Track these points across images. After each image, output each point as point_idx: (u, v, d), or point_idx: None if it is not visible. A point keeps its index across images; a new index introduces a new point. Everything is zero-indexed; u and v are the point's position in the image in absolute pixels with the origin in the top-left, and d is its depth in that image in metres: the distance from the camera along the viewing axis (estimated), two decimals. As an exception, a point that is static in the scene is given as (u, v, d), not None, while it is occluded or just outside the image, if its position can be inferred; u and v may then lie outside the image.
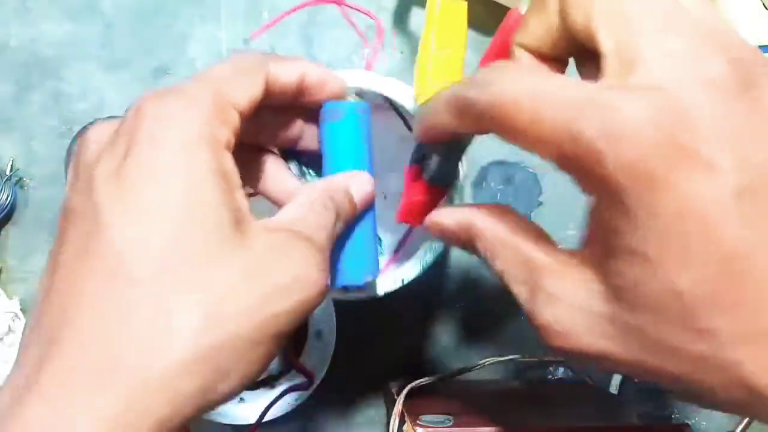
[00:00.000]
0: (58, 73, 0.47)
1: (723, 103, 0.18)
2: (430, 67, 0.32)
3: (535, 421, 0.35)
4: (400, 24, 0.49)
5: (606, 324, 0.21)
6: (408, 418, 0.34)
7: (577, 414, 0.38)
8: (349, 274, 0.30)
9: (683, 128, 0.18)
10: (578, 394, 0.43)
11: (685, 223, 0.18)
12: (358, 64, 0.48)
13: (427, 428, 0.33)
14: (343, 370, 0.46)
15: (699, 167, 0.18)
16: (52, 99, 0.47)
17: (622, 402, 0.43)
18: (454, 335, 0.46)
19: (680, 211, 0.18)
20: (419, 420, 0.33)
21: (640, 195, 0.18)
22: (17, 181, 0.46)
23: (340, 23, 0.49)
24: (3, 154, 0.46)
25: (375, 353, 0.46)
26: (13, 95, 0.47)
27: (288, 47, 0.48)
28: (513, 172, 0.48)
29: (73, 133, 0.46)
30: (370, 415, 0.45)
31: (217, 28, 0.48)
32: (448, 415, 0.34)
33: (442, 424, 0.33)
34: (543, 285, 0.22)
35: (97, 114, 0.46)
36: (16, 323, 0.43)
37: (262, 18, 0.48)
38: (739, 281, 0.18)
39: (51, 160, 0.46)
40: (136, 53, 0.48)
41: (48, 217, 0.46)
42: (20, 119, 0.47)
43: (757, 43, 0.45)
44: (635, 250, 0.19)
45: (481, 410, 0.38)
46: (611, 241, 0.20)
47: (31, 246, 0.46)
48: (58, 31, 0.48)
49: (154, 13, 0.48)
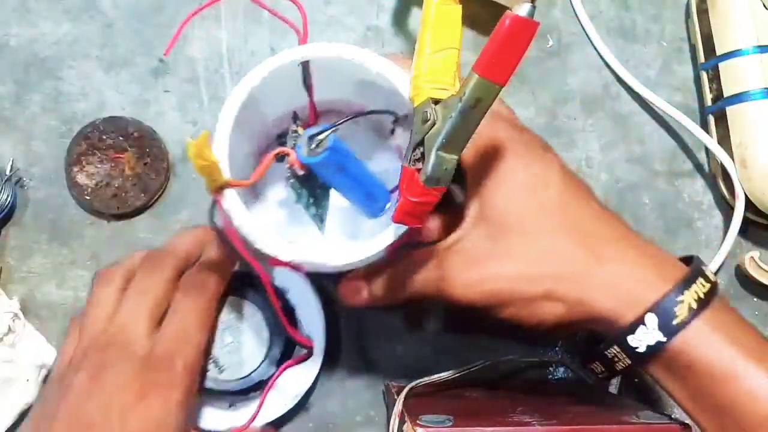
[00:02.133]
0: (58, 73, 0.47)
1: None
2: (425, 69, 0.32)
3: (535, 421, 0.35)
4: (400, 24, 0.49)
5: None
6: (408, 418, 0.34)
7: (577, 414, 0.38)
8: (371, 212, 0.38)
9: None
10: (578, 394, 0.43)
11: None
12: (358, 63, 0.48)
13: (427, 428, 0.33)
14: (344, 370, 0.46)
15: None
16: (52, 99, 0.47)
17: (622, 402, 0.43)
18: (454, 335, 0.46)
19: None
20: (419, 420, 0.33)
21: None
22: (17, 181, 0.46)
23: (340, 23, 0.49)
24: (3, 154, 0.46)
25: (375, 353, 0.46)
26: (13, 95, 0.47)
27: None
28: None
29: (73, 133, 0.46)
30: (370, 415, 0.45)
31: (217, 28, 0.48)
32: (448, 415, 0.34)
33: (442, 424, 0.33)
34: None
35: (97, 114, 0.46)
36: (16, 323, 0.43)
37: (263, 18, 0.48)
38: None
39: (51, 160, 0.46)
40: (135, 53, 0.48)
41: (48, 217, 0.46)
42: (20, 119, 0.47)
43: (757, 42, 0.45)
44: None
45: (481, 410, 0.38)
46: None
47: (31, 246, 0.46)
48: (58, 31, 0.48)
49: (153, 12, 0.48)
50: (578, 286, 0.34)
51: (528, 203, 0.35)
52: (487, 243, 0.35)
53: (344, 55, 0.35)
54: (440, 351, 0.46)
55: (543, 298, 0.34)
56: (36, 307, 0.45)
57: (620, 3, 0.51)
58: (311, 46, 0.36)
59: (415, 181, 0.30)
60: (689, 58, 0.51)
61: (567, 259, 0.34)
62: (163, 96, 0.47)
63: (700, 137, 0.48)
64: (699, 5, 0.49)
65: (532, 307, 0.35)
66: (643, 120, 0.50)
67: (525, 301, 0.34)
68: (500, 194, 0.35)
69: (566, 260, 0.34)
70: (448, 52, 0.32)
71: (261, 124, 0.41)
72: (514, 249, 0.34)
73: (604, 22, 0.50)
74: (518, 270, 0.34)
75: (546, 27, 0.50)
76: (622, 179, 0.49)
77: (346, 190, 0.38)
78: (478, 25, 0.48)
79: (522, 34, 0.28)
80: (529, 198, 0.35)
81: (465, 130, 0.30)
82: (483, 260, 0.35)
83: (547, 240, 0.34)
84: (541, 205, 0.35)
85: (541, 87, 0.49)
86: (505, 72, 0.28)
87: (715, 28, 0.47)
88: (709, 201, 0.49)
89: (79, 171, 0.45)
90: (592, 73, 0.50)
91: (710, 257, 0.48)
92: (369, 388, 0.45)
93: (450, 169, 0.30)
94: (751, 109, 0.45)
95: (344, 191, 0.38)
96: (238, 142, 0.37)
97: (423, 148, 0.31)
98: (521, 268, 0.34)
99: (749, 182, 0.45)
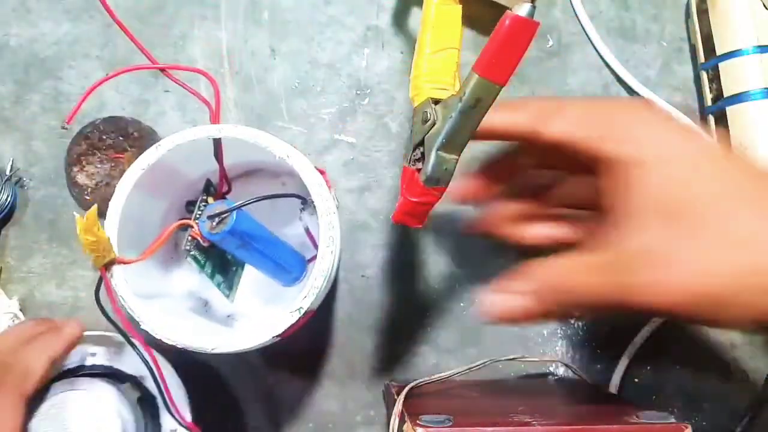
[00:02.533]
0: (58, 73, 0.47)
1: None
2: (425, 69, 0.32)
3: (535, 421, 0.35)
4: (400, 24, 0.49)
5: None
6: (408, 418, 0.34)
7: (577, 414, 0.38)
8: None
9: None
10: (578, 394, 0.43)
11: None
12: (358, 64, 0.48)
13: (427, 428, 0.33)
14: (344, 370, 0.46)
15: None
16: (52, 99, 0.47)
17: (622, 402, 0.43)
18: (454, 335, 0.46)
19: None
20: (419, 420, 0.33)
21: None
22: (17, 181, 0.46)
23: (340, 23, 0.49)
24: (3, 154, 0.46)
25: (375, 353, 0.46)
26: (13, 95, 0.47)
27: (289, 48, 0.48)
28: (513, 172, 0.48)
29: (73, 133, 0.46)
30: (370, 415, 0.45)
31: (217, 28, 0.48)
32: (448, 415, 0.34)
33: (442, 424, 0.33)
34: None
35: (97, 114, 0.46)
36: (15, 323, 0.43)
37: (263, 18, 0.49)
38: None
39: (51, 160, 0.46)
40: (136, 53, 0.47)
41: (48, 217, 0.46)
42: (20, 119, 0.47)
43: (757, 42, 0.45)
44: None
45: (481, 410, 0.38)
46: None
47: (31, 246, 0.46)
48: (58, 31, 0.48)
49: (153, 13, 0.48)
50: None
51: (707, 184, 0.29)
52: (671, 236, 0.29)
53: (247, 138, 0.36)
54: (441, 351, 0.46)
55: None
56: (36, 307, 0.45)
57: (620, 3, 0.51)
58: (220, 128, 0.36)
59: (415, 181, 0.30)
60: (689, 58, 0.51)
61: None
62: (163, 96, 0.47)
63: (700, 137, 0.48)
64: (699, 5, 0.49)
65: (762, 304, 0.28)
66: (643, 120, 0.50)
67: (755, 295, 0.28)
68: (666, 179, 0.30)
69: None
70: (448, 52, 0.33)
71: (179, 185, 0.41)
72: (712, 237, 0.29)
73: (604, 22, 0.50)
74: (732, 261, 0.28)
75: (546, 27, 0.50)
76: (622, 179, 0.49)
77: (253, 261, 0.39)
78: (478, 25, 0.48)
79: (522, 34, 0.28)
80: (705, 177, 0.30)
81: (465, 130, 0.30)
82: (680, 257, 0.29)
83: (745, 220, 0.29)
84: (722, 183, 0.30)
85: (541, 87, 0.49)
86: (505, 72, 0.28)
87: (715, 28, 0.47)
88: (709, 201, 0.49)
89: (79, 171, 0.45)
90: (592, 73, 0.50)
91: (710, 257, 0.48)
92: (369, 388, 0.45)
93: (450, 169, 0.30)
94: (751, 109, 0.45)
95: (252, 263, 0.39)
96: (148, 205, 0.38)
97: (423, 148, 0.31)
98: (735, 257, 0.28)
99: (749, 182, 0.45)
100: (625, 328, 0.47)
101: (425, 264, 0.47)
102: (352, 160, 0.48)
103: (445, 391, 0.42)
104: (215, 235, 0.36)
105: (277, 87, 0.48)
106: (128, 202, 0.36)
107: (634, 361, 0.47)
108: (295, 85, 0.48)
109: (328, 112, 0.48)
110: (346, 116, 0.48)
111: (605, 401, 0.42)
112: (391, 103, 0.48)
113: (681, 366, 0.47)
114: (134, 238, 0.37)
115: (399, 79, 0.49)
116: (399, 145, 0.48)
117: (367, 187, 0.47)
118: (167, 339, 0.34)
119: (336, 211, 0.36)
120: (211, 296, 0.43)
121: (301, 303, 0.34)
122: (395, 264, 0.47)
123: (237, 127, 0.36)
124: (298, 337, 0.38)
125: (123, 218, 0.35)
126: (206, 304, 0.44)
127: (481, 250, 0.47)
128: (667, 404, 0.47)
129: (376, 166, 0.48)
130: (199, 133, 0.36)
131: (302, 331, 0.37)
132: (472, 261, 0.47)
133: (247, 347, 0.34)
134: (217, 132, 0.36)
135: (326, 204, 0.35)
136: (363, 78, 0.48)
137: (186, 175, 0.41)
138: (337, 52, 0.49)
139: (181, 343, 0.34)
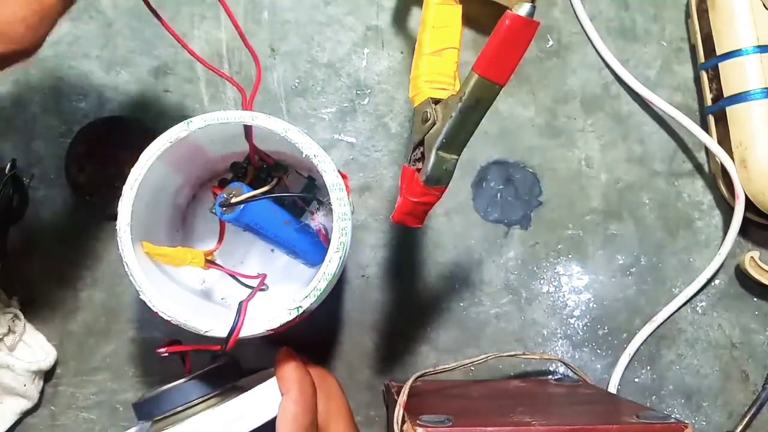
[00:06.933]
0: (58, 73, 0.47)
1: None
2: (425, 69, 0.32)
3: (535, 421, 0.35)
4: (400, 24, 0.49)
5: None
6: (408, 418, 0.34)
7: (577, 414, 0.38)
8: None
9: None
10: (578, 394, 0.43)
11: None
12: (358, 64, 0.48)
13: (427, 428, 0.33)
14: (344, 369, 0.46)
15: None
16: (52, 99, 0.47)
17: (622, 402, 0.43)
18: (454, 335, 0.46)
19: None
20: (419, 420, 0.33)
21: None
22: (28, 182, 0.46)
23: (340, 23, 0.49)
24: (3, 154, 0.46)
25: (375, 353, 0.46)
26: (13, 95, 0.47)
27: (288, 48, 0.48)
28: (513, 172, 0.48)
29: (73, 133, 0.46)
30: (370, 415, 0.45)
31: (217, 28, 0.48)
32: (448, 415, 0.34)
33: (442, 424, 0.33)
34: None
35: (97, 114, 0.46)
36: (16, 323, 0.43)
37: (263, 18, 0.49)
38: None
39: (51, 160, 0.46)
40: (135, 53, 0.48)
41: (48, 217, 0.46)
42: (20, 119, 0.47)
43: (757, 42, 0.45)
44: None
45: (481, 410, 0.38)
46: None
47: (31, 246, 0.46)
48: (58, 31, 0.47)
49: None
50: None
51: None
52: None
53: (278, 130, 0.35)
54: (441, 351, 0.46)
55: None
56: (36, 307, 0.45)
57: (620, 3, 0.51)
58: (254, 116, 0.36)
59: (416, 181, 0.30)
60: (689, 58, 0.51)
61: None
62: (163, 96, 0.47)
63: (700, 137, 0.48)
64: (699, 5, 0.49)
65: None
66: (643, 120, 0.50)
67: None
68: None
69: None
70: (448, 52, 0.33)
71: (198, 163, 0.42)
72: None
73: (604, 22, 0.50)
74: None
75: (546, 27, 0.50)
76: (622, 179, 0.49)
77: (269, 243, 0.39)
78: (478, 25, 0.48)
79: (522, 34, 0.28)
80: None
81: (465, 129, 0.30)
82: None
83: None
84: None
85: (541, 87, 0.49)
86: (505, 72, 0.28)
87: (715, 28, 0.47)
88: (709, 201, 0.49)
89: (79, 171, 0.45)
90: (592, 73, 0.50)
91: (710, 257, 0.48)
92: (369, 388, 0.45)
93: (450, 169, 0.30)
94: (751, 109, 0.45)
95: (268, 243, 0.39)
96: (166, 177, 0.38)
97: (423, 148, 0.31)
98: None
99: (749, 182, 0.45)
100: (625, 328, 0.47)
101: (425, 264, 0.47)
102: (352, 160, 0.48)
103: (445, 391, 0.42)
104: (226, 217, 0.36)
105: (277, 87, 0.48)
106: (149, 171, 0.36)
107: (634, 361, 0.47)
108: (294, 84, 0.48)
109: (328, 112, 0.48)
110: (346, 116, 0.48)
111: (605, 401, 0.42)
112: (391, 103, 0.48)
113: (681, 366, 0.47)
114: (148, 207, 0.37)
115: (399, 79, 0.49)
116: (399, 145, 0.48)
117: (366, 186, 0.47)
118: (164, 314, 0.34)
119: (350, 218, 0.36)
120: (208, 276, 0.44)
121: (301, 302, 0.34)
122: (395, 264, 0.47)
123: (270, 117, 0.36)
124: (298, 336, 0.38)
125: (141, 185, 0.35)
126: (203, 282, 0.44)
127: (480, 250, 0.47)
128: (667, 404, 0.47)
129: (376, 166, 0.48)
130: (231, 117, 0.36)
131: (302, 331, 0.36)
132: (472, 261, 0.47)
133: (240, 336, 0.34)
134: (251, 119, 0.36)
135: (343, 209, 0.35)
136: (363, 78, 0.48)
137: (206, 154, 0.41)
138: (337, 52, 0.49)
139: (176, 320, 0.34)
